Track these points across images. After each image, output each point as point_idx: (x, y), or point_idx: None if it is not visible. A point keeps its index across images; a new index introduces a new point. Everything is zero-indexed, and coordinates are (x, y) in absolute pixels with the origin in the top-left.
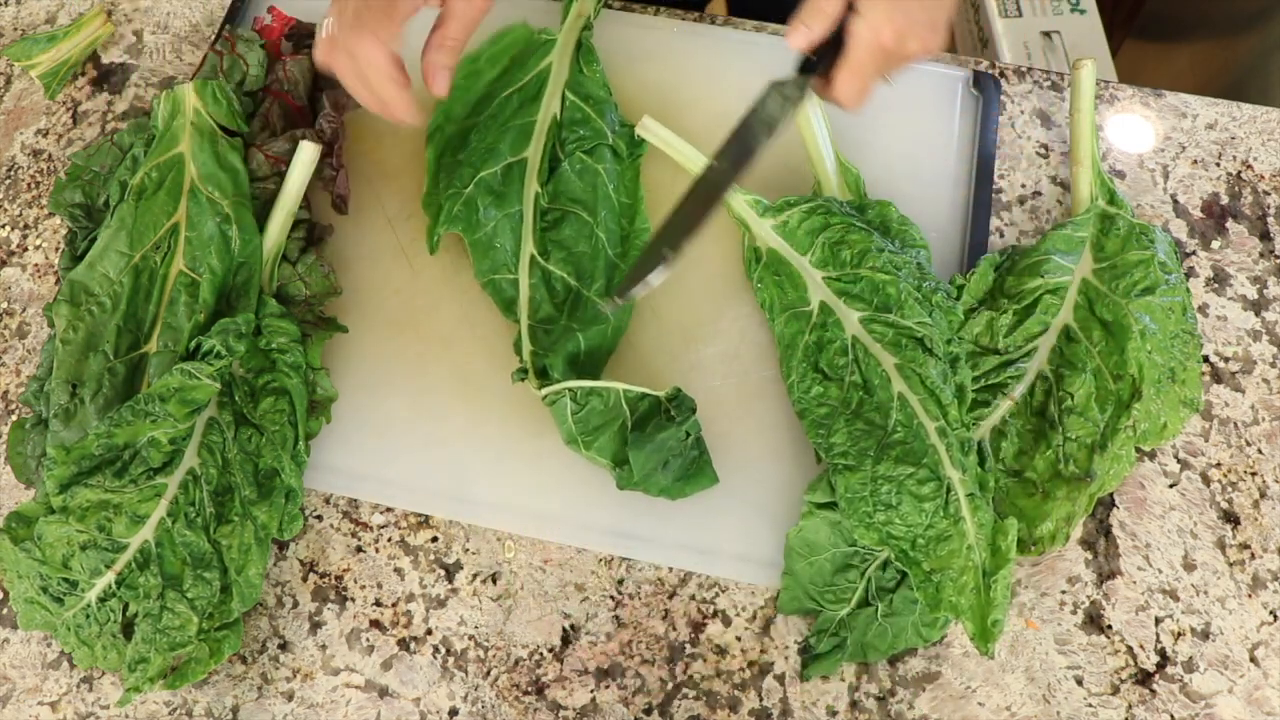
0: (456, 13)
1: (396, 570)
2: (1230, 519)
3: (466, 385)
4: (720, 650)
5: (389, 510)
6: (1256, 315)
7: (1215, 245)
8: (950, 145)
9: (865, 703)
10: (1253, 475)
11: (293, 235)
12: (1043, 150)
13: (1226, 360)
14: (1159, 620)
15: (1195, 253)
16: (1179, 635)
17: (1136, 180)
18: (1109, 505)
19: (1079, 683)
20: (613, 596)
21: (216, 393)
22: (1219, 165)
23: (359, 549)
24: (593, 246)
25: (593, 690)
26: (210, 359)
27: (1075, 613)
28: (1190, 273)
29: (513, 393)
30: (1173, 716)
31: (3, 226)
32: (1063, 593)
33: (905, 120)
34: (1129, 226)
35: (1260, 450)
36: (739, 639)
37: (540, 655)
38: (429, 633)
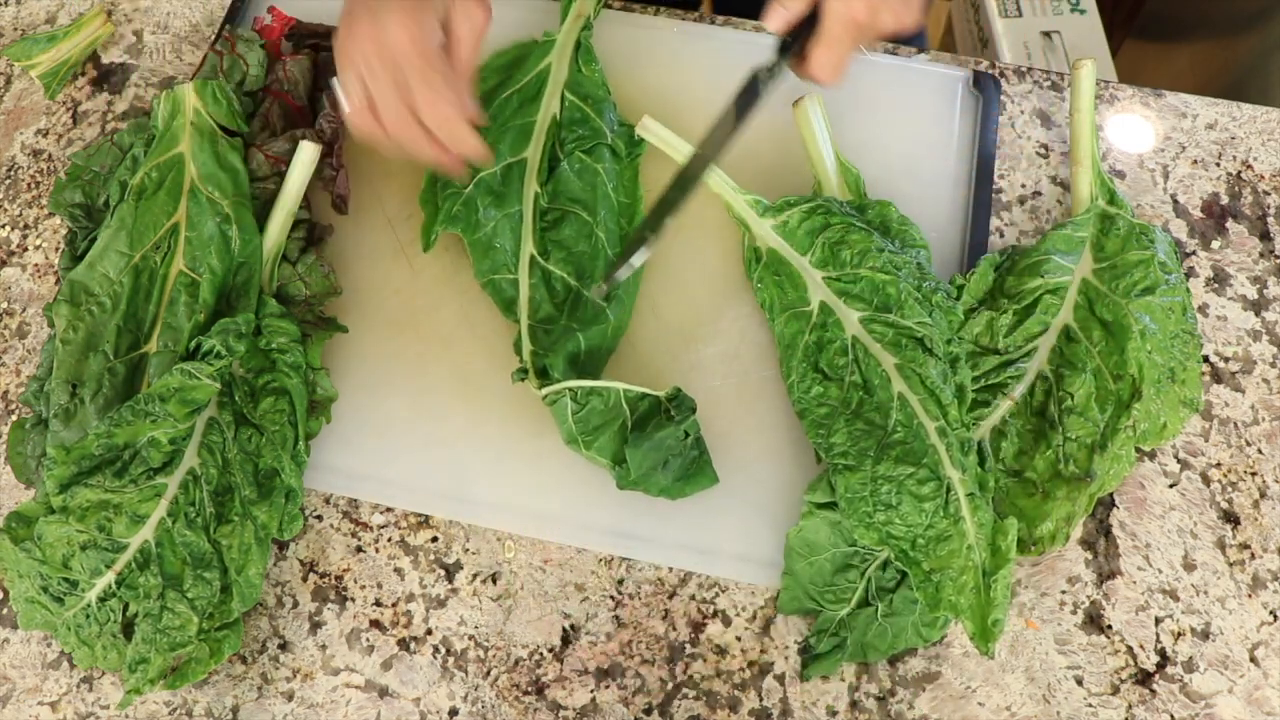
0: (462, 36)
1: (396, 570)
2: (1230, 519)
3: (466, 385)
4: (720, 650)
5: (389, 510)
6: (1256, 315)
7: (1215, 245)
8: (950, 145)
9: (865, 703)
10: (1253, 475)
11: (293, 235)
12: (1043, 150)
13: (1226, 360)
14: (1159, 620)
15: (1195, 253)
16: (1179, 635)
17: (1136, 180)
18: (1109, 505)
19: (1079, 683)
20: (613, 596)
21: (216, 393)
22: (1219, 165)
23: (359, 549)
24: (592, 246)
25: (593, 690)
26: (210, 359)
27: (1075, 613)
28: (1190, 273)
29: (513, 393)
30: (1173, 716)
31: (3, 226)
32: (1063, 593)
33: (905, 120)
34: (1129, 226)
35: (1260, 450)
36: (739, 639)
37: (540, 655)
38: (429, 633)
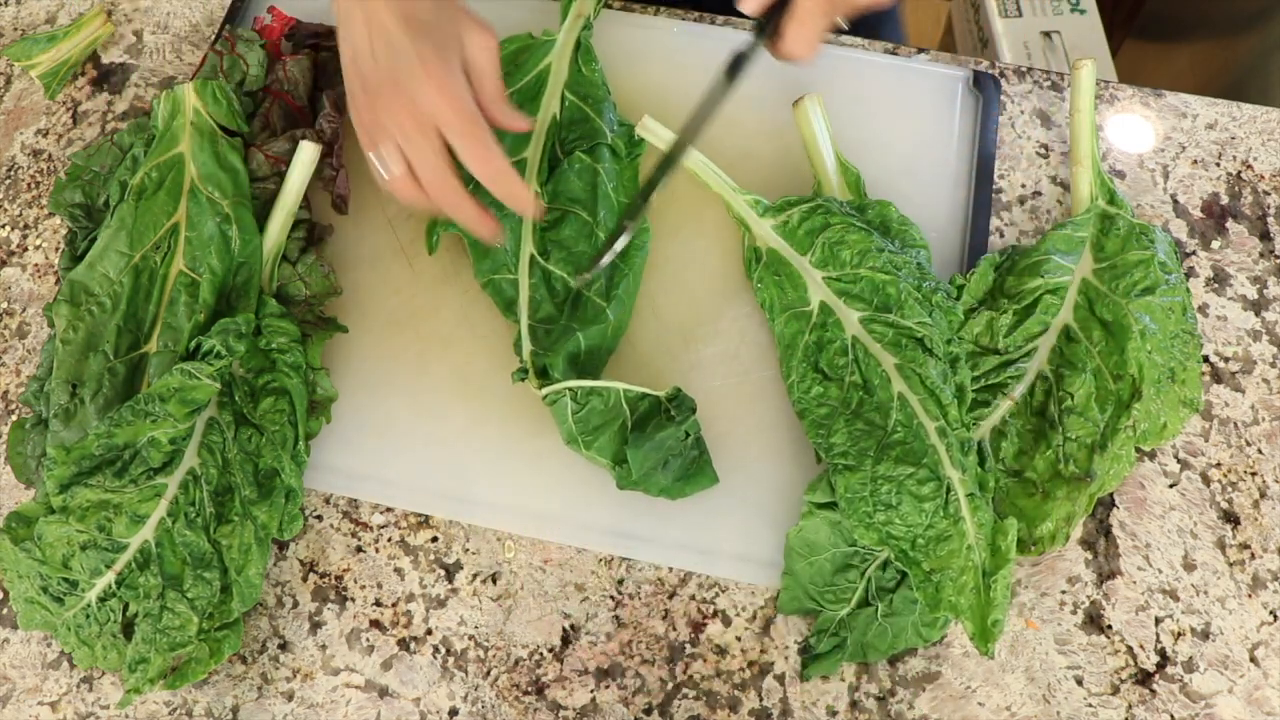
0: (483, 66)
1: (396, 570)
2: (1230, 519)
3: (466, 385)
4: (720, 650)
5: (389, 510)
6: (1256, 315)
7: (1215, 245)
8: (950, 145)
9: (865, 703)
10: (1253, 475)
11: (293, 235)
12: (1043, 150)
13: (1226, 360)
14: (1159, 620)
15: (1195, 253)
16: (1179, 635)
17: (1136, 180)
18: (1109, 505)
19: (1079, 683)
20: (613, 596)
21: (216, 393)
22: (1219, 165)
23: (359, 549)
24: (592, 246)
25: (593, 690)
26: (210, 359)
27: (1075, 613)
28: (1190, 273)
29: (513, 393)
30: (1173, 716)
31: (3, 226)
32: (1063, 593)
33: (905, 120)
34: (1129, 226)
35: (1260, 450)
36: (739, 639)
37: (540, 655)
38: (429, 633)
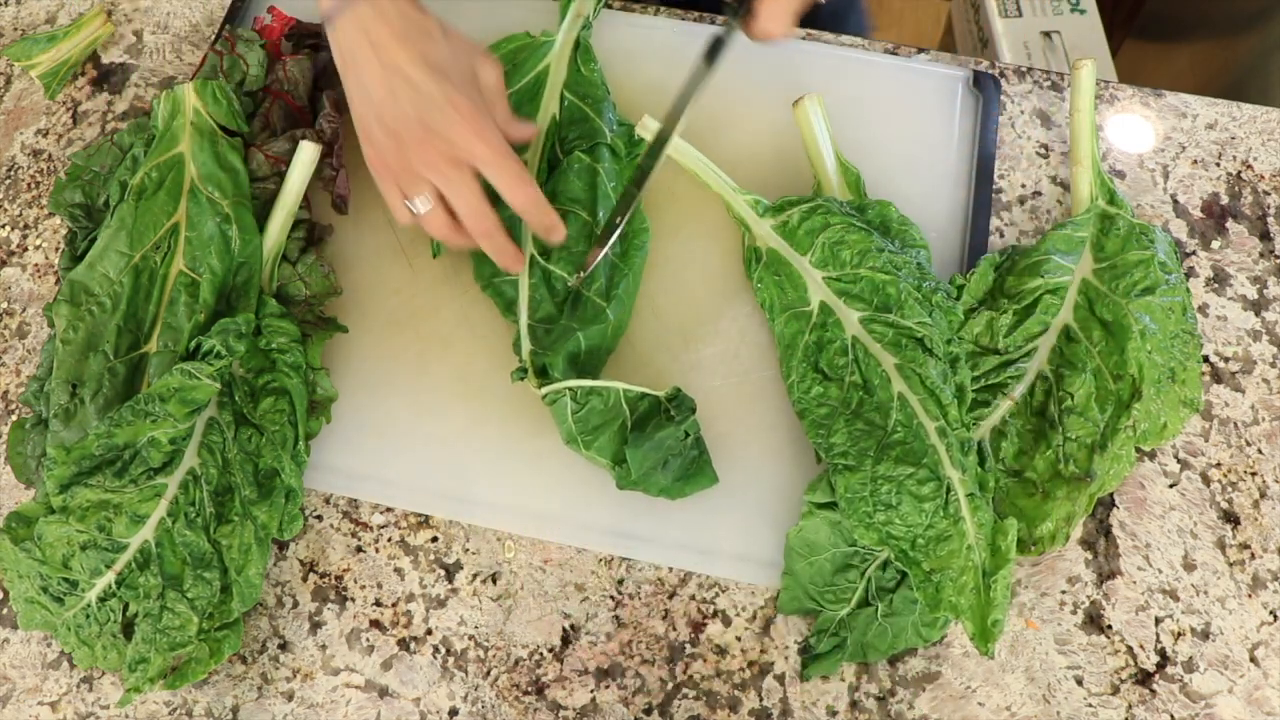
0: (491, 91)
1: (396, 570)
2: (1230, 519)
3: (466, 385)
4: (720, 650)
5: (389, 510)
6: (1256, 315)
7: (1215, 245)
8: (950, 145)
9: (865, 703)
10: (1253, 475)
11: (293, 235)
12: (1043, 150)
13: (1226, 360)
14: (1159, 620)
15: (1195, 253)
16: (1179, 635)
17: (1136, 180)
18: (1109, 505)
19: (1079, 683)
20: (613, 596)
21: (216, 393)
22: (1219, 165)
23: (359, 549)
24: (593, 246)
25: (593, 690)
26: (210, 359)
27: (1075, 613)
28: (1190, 273)
29: (513, 393)
30: (1173, 716)
31: (3, 226)
32: (1063, 593)
33: (905, 120)
34: (1129, 226)
35: (1260, 450)
36: (739, 639)
37: (540, 655)
38: (429, 633)
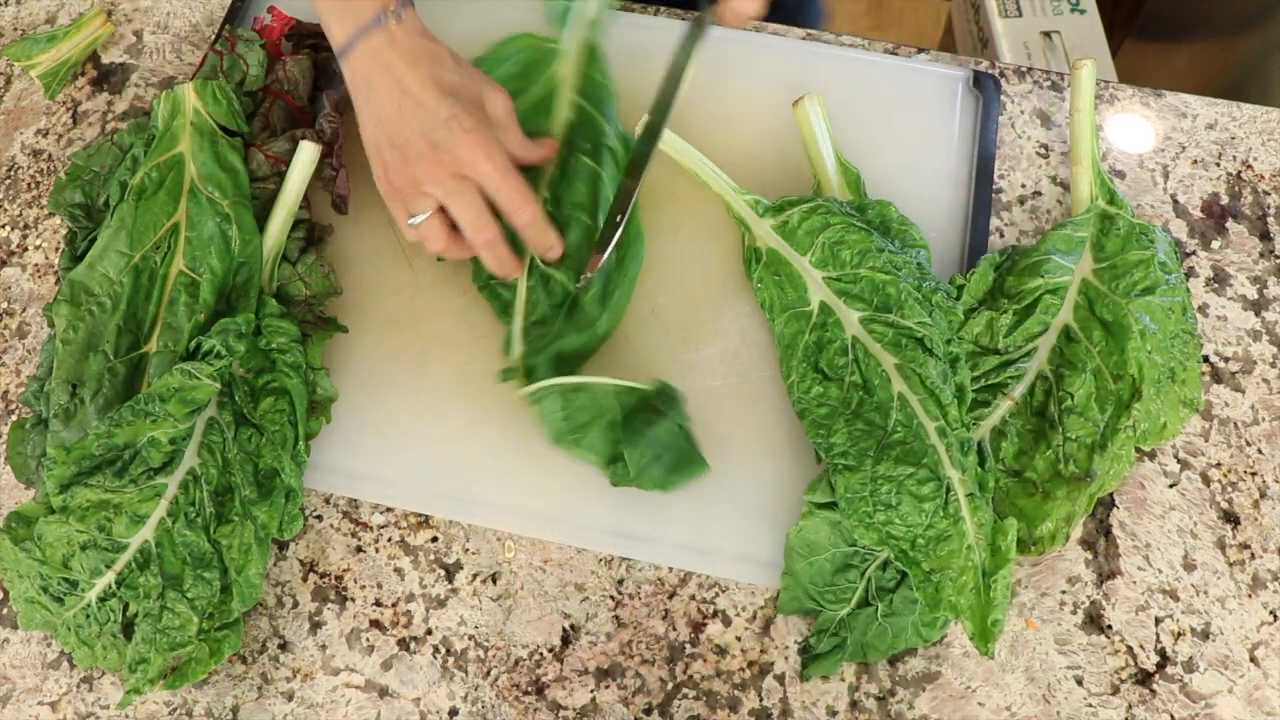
0: (501, 118)
1: (396, 570)
2: (1230, 519)
3: (466, 385)
4: (720, 650)
5: (389, 510)
6: (1256, 315)
7: (1215, 245)
8: (950, 145)
9: (865, 703)
10: (1253, 475)
11: (293, 235)
12: (1043, 150)
13: (1226, 360)
14: (1159, 620)
15: (1195, 253)
16: (1179, 635)
17: (1136, 180)
18: (1109, 505)
19: (1079, 683)
20: (613, 596)
21: (216, 393)
22: (1219, 165)
23: (359, 549)
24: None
25: (593, 690)
26: (210, 359)
27: (1075, 613)
28: (1190, 273)
29: (513, 393)
30: (1173, 716)
31: (3, 226)
32: (1063, 593)
33: (905, 120)
34: (1129, 226)
35: (1260, 450)
36: (739, 639)
37: (540, 655)
38: (429, 633)
